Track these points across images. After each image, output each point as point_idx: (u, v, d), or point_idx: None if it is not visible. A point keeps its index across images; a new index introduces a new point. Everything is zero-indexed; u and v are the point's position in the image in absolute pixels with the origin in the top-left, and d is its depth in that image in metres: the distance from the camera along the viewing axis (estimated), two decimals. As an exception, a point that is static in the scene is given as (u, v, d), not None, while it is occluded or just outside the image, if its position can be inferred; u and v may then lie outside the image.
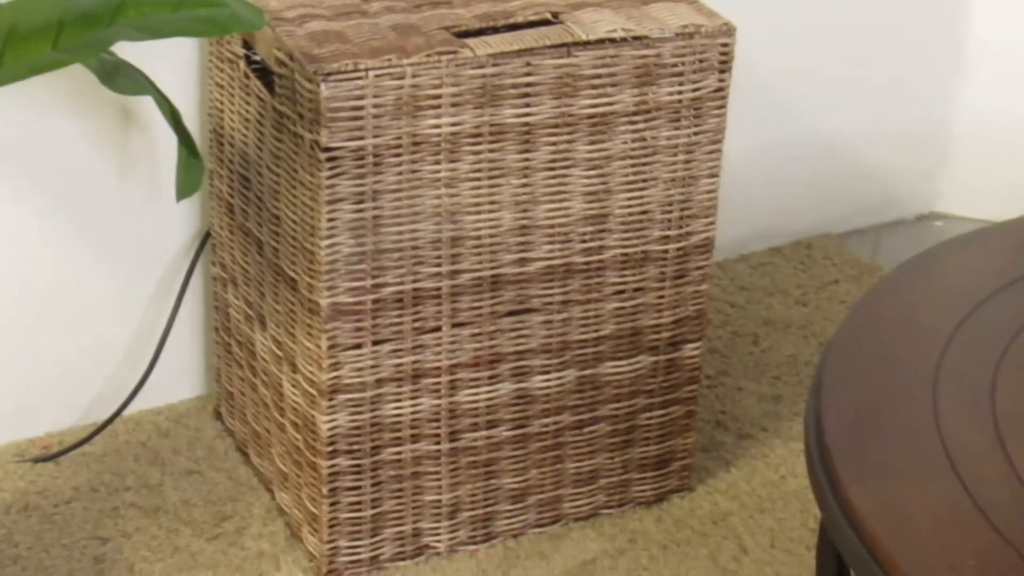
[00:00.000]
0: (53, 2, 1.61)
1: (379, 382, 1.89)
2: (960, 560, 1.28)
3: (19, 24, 1.58)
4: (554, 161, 1.87)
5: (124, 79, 1.77)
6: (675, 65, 1.88)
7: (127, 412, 2.18)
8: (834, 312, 2.50)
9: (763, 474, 2.16)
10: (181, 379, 2.23)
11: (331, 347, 1.85)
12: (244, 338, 2.07)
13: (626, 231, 1.93)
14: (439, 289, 1.87)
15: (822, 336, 2.45)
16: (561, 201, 1.89)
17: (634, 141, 1.89)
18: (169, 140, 1.90)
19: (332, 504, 1.93)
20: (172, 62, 2.06)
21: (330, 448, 1.90)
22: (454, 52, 1.79)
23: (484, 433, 1.97)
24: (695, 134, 1.92)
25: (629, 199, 1.92)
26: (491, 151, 1.84)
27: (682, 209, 1.95)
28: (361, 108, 1.76)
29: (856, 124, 2.66)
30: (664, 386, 2.04)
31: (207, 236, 2.15)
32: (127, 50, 1.79)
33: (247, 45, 1.91)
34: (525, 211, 1.88)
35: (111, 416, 2.15)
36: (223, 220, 2.07)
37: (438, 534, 2.00)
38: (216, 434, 2.18)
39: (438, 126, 1.80)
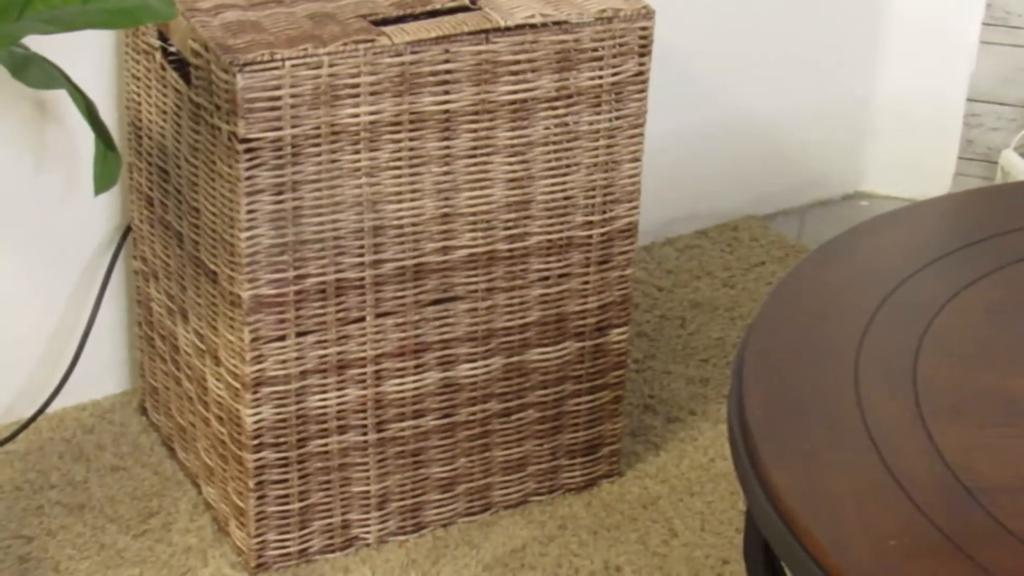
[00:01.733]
0: (-39, -4, 1.59)
1: (303, 374, 1.87)
2: (881, 537, 1.28)
3: (-74, 19, 1.56)
4: (475, 148, 1.86)
5: (36, 72, 1.75)
6: (595, 50, 1.88)
7: (50, 409, 2.15)
8: (761, 294, 2.51)
9: (692, 457, 2.17)
10: (105, 374, 2.21)
11: (254, 340, 1.83)
12: (167, 332, 2.05)
13: (549, 217, 1.93)
14: (362, 279, 1.86)
15: (749, 318, 2.46)
16: (483, 188, 1.88)
17: (555, 127, 1.89)
18: (87, 133, 1.89)
19: (259, 498, 1.91)
20: (87, 54, 2.04)
21: (255, 441, 1.88)
22: (371, 40, 1.77)
23: (411, 423, 1.96)
24: (616, 119, 1.91)
25: (552, 185, 1.91)
26: (411, 139, 1.83)
27: (605, 194, 1.95)
28: (278, 98, 1.74)
29: (778, 105, 2.66)
30: (591, 372, 2.04)
31: (127, 230, 2.13)
32: (41, 43, 1.77)
33: (162, 36, 1.89)
34: (447, 199, 1.87)
35: (34, 414, 2.13)
36: (143, 213, 2.05)
37: (367, 525, 1.99)
38: (141, 429, 2.16)
39: (357, 115, 1.79)
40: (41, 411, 2.14)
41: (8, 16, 1.58)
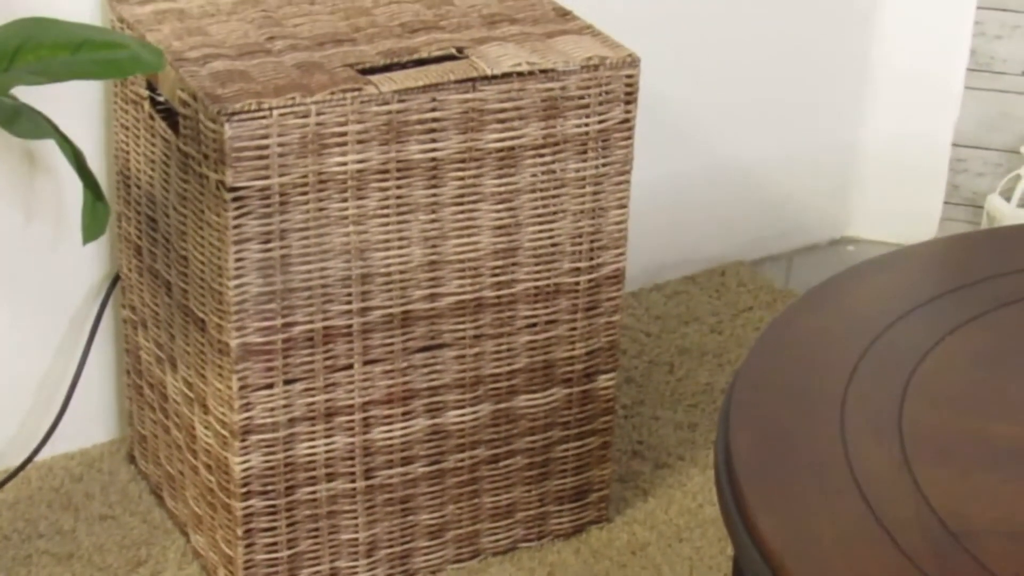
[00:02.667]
0: (-50, 47, 1.60)
1: (292, 421, 1.88)
2: (869, 583, 1.29)
3: (-85, 70, 1.57)
4: (462, 196, 1.87)
5: (25, 123, 1.75)
6: (581, 97, 1.89)
7: (39, 458, 2.15)
8: (749, 339, 2.51)
9: (680, 503, 2.17)
10: (93, 423, 2.21)
11: (242, 387, 1.84)
12: (156, 380, 2.05)
13: (537, 264, 1.94)
14: (350, 327, 1.86)
15: (737, 363, 2.46)
16: (470, 236, 1.89)
17: (542, 174, 1.90)
18: (75, 182, 1.89)
19: (247, 546, 1.91)
20: (76, 104, 2.05)
21: (244, 489, 1.88)
22: (358, 89, 1.78)
23: (400, 470, 1.96)
24: (603, 166, 1.92)
25: (539, 232, 1.92)
26: (398, 187, 1.83)
27: (592, 241, 1.95)
28: (266, 147, 1.75)
29: (765, 150, 2.68)
30: (579, 418, 2.04)
31: (116, 278, 2.13)
32: (29, 92, 1.78)
33: (151, 86, 1.90)
34: (434, 247, 1.88)
35: (23, 462, 2.13)
36: (131, 262, 2.06)
37: (356, 573, 1.99)
38: (130, 478, 2.16)
39: (344, 163, 1.80)
40: (29, 460, 2.14)
41: (-4, 67, 1.58)
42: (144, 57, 1.63)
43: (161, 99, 1.89)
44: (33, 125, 1.76)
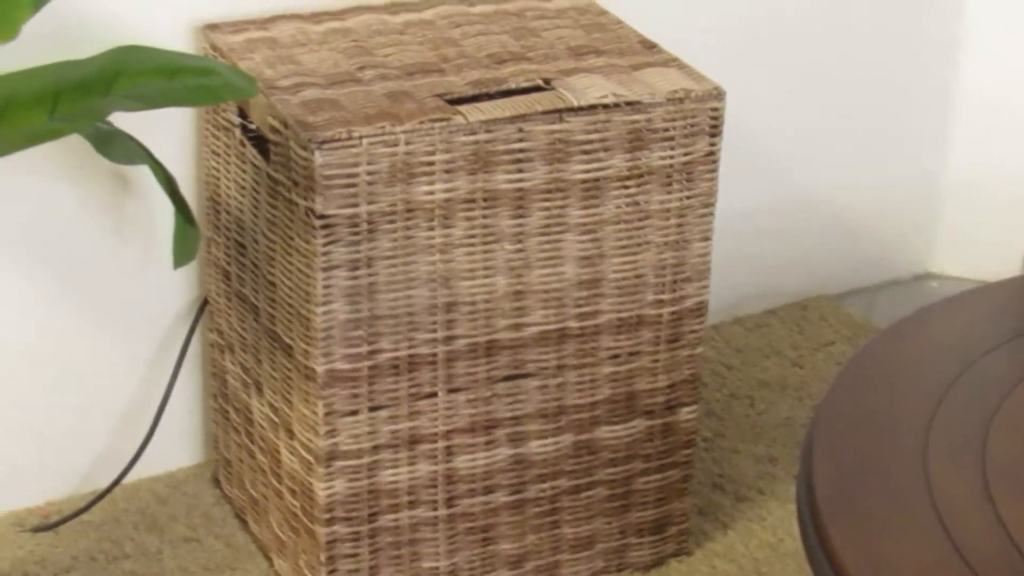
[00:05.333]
0: (49, 72, 1.63)
1: (376, 448, 1.89)
2: (952, 618, 1.28)
3: (16, 94, 1.60)
4: (547, 226, 1.88)
5: (119, 148, 1.79)
6: (666, 130, 1.90)
7: (126, 479, 2.18)
8: (830, 373, 2.51)
9: (760, 536, 2.16)
10: (179, 446, 2.23)
11: (327, 413, 1.85)
12: (241, 405, 2.07)
13: (620, 295, 1.94)
14: (435, 355, 1.88)
15: (818, 398, 2.45)
16: (555, 266, 1.90)
17: (627, 205, 1.91)
18: (165, 207, 1.92)
19: (330, 571, 1.92)
20: (168, 130, 2.08)
21: (327, 515, 1.90)
22: (447, 119, 1.80)
23: (481, 499, 1.97)
24: (687, 198, 1.93)
25: (622, 263, 1.93)
26: (485, 217, 1.85)
27: (675, 273, 1.96)
28: (355, 175, 1.77)
29: (848, 183, 2.67)
30: (660, 450, 2.04)
31: (204, 303, 2.16)
32: (123, 117, 1.81)
33: (242, 113, 1.93)
34: (519, 276, 1.89)
35: (110, 484, 2.16)
36: (220, 287, 2.08)
37: (436, 599, 2.00)
38: (214, 501, 2.18)
39: (432, 192, 1.81)
40: (117, 482, 2.16)
41: (94, 92, 1.61)
42: (237, 84, 1.66)
43: (252, 126, 1.91)
44: (127, 150, 1.79)
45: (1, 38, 1.34)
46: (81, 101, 1.61)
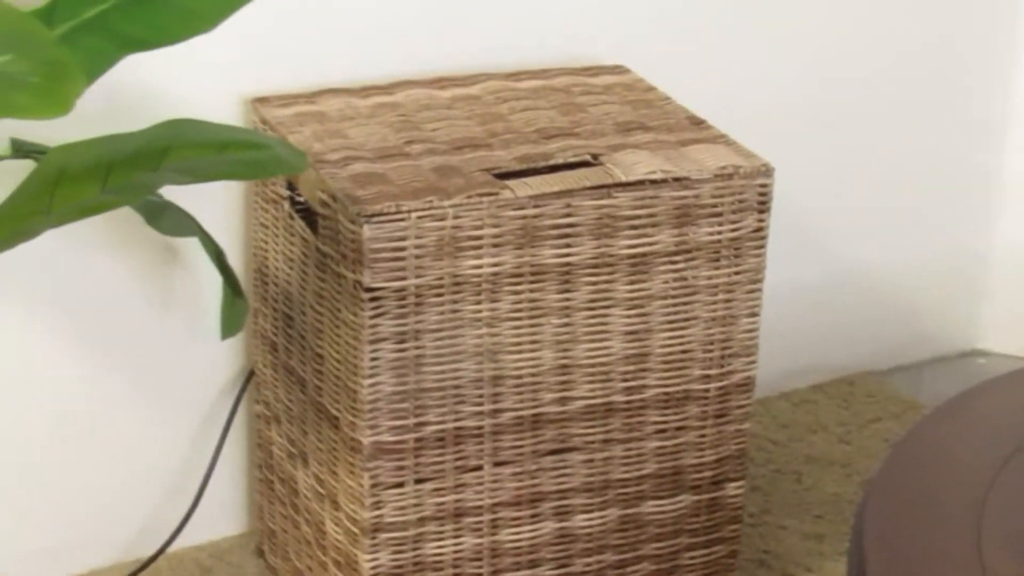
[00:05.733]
0: (100, 145, 1.64)
1: (421, 521, 1.89)
2: None
3: (68, 167, 1.61)
4: (594, 301, 1.88)
5: (169, 220, 1.80)
6: (714, 206, 1.90)
7: (170, 549, 2.18)
8: (877, 450, 2.49)
9: (807, 614, 2.15)
10: (224, 516, 2.23)
11: (373, 485, 1.85)
12: (286, 475, 2.07)
13: (667, 370, 1.94)
14: (481, 428, 1.88)
15: (865, 474, 2.44)
16: (601, 341, 1.90)
17: (674, 281, 1.91)
18: (213, 278, 1.93)
19: (373, 644, 1.92)
20: (216, 201, 2.09)
21: (371, 587, 1.90)
22: (495, 193, 1.81)
23: (526, 572, 1.96)
24: (735, 273, 1.93)
25: (670, 339, 1.93)
26: (532, 291, 1.85)
27: (723, 348, 1.96)
28: (403, 249, 1.78)
29: (895, 259, 2.67)
30: (707, 525, 2.03)
31: (251, 374, 2.16)
32: (172, 189, 1.82)
33: (291, 186, 1.94)
34: (566, 350, 1.89)
35: (154, 553, 2.16)
36: (266, 358, 2.09)
37: (479, 674, 1.99)
38: (258, 572, 2.18)
39: (479, 266, 1.82)
40: (161, 551, 2.16)
41: (146, 166, 1.62)
42: (287, 158, 1.66)
43: (300, 199, 1.93)
44: (177, 223, 1.81)
45: (56, 112, 1.35)
46: (132, 174, 1.62)
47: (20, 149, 1.74)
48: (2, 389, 2.07)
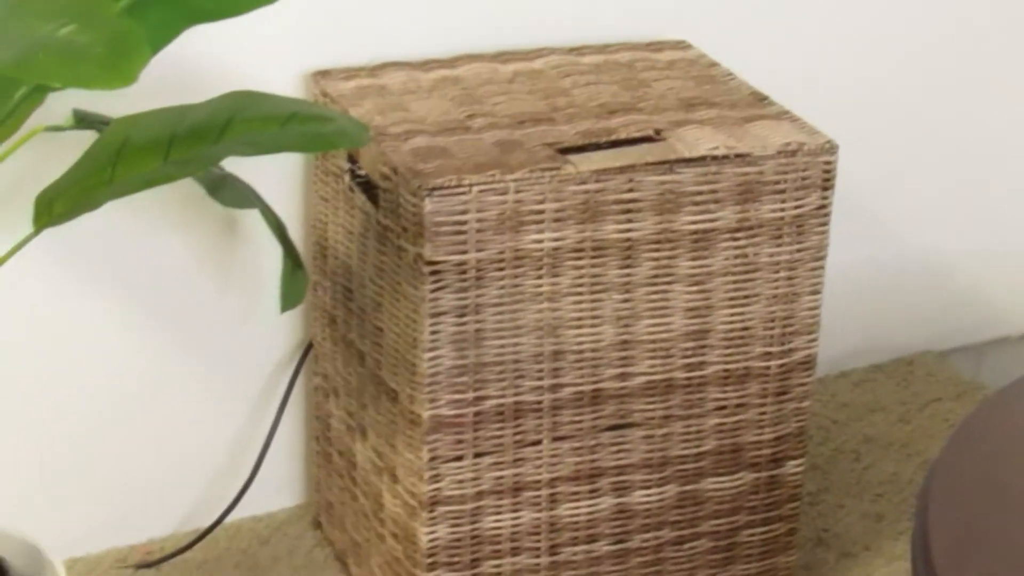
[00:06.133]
0: (164, 118, 1.65)
1: (479, 495, 1.89)
2: None
3: (131, 138, 1.61)
4: (656, 277, 1.87)
5: (231, 192, 1.80)
6: (777, 182, 1.88)
7: (227, 520, 2.19)
8: (936, 430, 2.48)
9: (865, 594, 2.14)
10: (281, 488, 2.24)
11: (432, 459, 1.85)
12: (344, 448, 2.07)
13: (728, 347, 1.93)
14: (540, 403, 1.87)
15: (925, 454, 2.43)
16: (663, 317, 1.89)
17: (736, 258, 1.90)
18: (272, 251, 1.93)
19: (430, 617, 1.93)
20: (277, 175, 2.09)
21: (430, 560, 1.89)
22: (557, 168, 1.80)
23: (584, 547, 1.96)
24: (797, 251, 1.92)
25: (731, 315, 1.92)
26: (593, 266, 1.84)
27: (784, 326, 1.94)
28: (464, 223, 1.77)
29: (958, 240, 2.64)
30: (766, 503, 2.02)
31: (309, 347, 2.16)
32: (232, 161, 1.82)
33: (352, 159, 1.94)
34: (626, 326, 1.88)
35: (212, 524, 2.17)
36: (325, 331, 2.09)
37: (536, 649, 1.99)
38: (315, 543, 2.19)
39: (540, 241, 1.81)
40: (219, 522, 2.17)
41: (208, 139, 1.62)
42: (350, 131, 1.66)
43: (361, 172, 1.92)
44: (238, 195, 1.81)
45: (121, 83, 1.35)
46: (194, 146, 1.62)
47: (83, 120, 1.74)
48: (65, 362, 2.08)
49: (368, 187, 1.91)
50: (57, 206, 1.60)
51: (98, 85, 1.34)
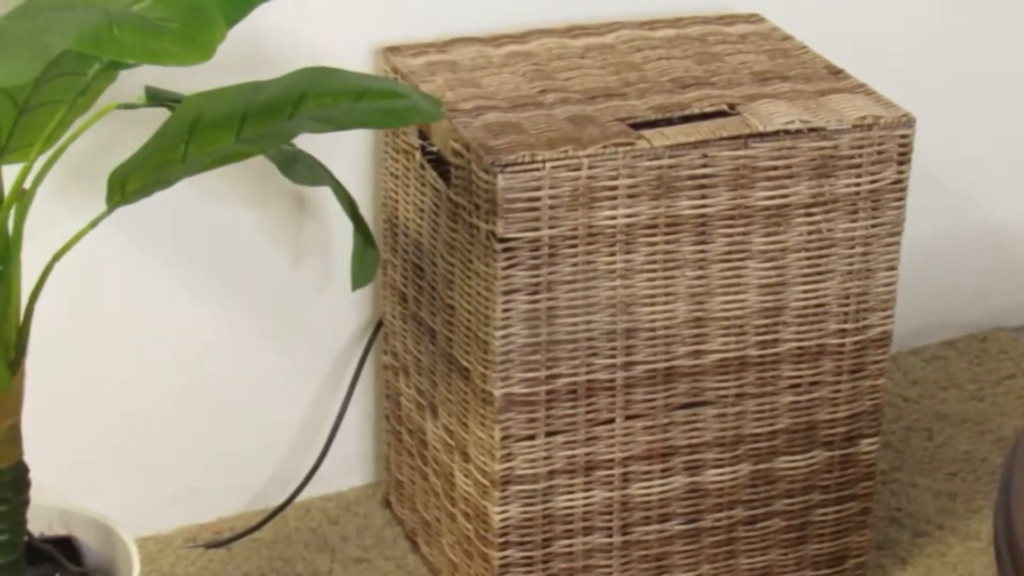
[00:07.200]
0: (237, 94, 1.64)
1: (551, 474, 1.87)
2: None
3: (204, 115, 1.61)
4: (729, 253, 1.86)
5: (303, 169, 1.79)
6: (852, 157, 1.86)
7: (297, 499, 2.18)
8: (1010, 408, 2.45)
9: (939, 573, 2.11)
10: (351, 466, 2.24)
11: (504, 438, 1.84)
12: (415, 427, 2.07)
13: (802, 324, 1.91)
14: (613, 381, 1.86)
15: (999, 432, 2.40)
16: (736, 293, 1.87)
17: (810, 233, 1.87)
18: (342, 229, 1.93)
19: (503, 596, 1.92)
20: (347, 153, 2.08)
21: (501, 539, 1.89)
22: (630, 143, 1.78)
23: (656, 527, 1.95)
24: (873, 226, 1.89)
25: (805, 292, 1.90)
26: (666, 243, 1.83)
27: (860, 302, 1.92)
28: (537, 199, 1.76)
29: (1032, 216, 2.61)
30: (839, 482, 2.00)
31: (379, 325, 2.16)
32: (303, 140, 1.81)
33: (423, 136, 1.92)
34: (700, 303, 1.86)
35: (282, 503, 2.16)
36: (395, 309, 2.08)
37: (608, 628, 1.98)
38: (385, 522, 2.18)
39: (614, 217, 1.80)
40: (289, 501, 2.17)
41: (281, 115, 1.62)
42: (423, 107, 1.65)
43: (433, 149, 1.91)
44: (310, 172, 1.80)
45: (198, 59, 1.35)
46: (268, 123, 1.62)
47: (155, 97, 1.74)
48: (136, 340, 2.08)
49: (439, 164, 1.90)
50: (130, 184, 1.59)
51: (175, 61, 1.34)
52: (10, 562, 1.71)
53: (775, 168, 1.83)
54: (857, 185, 1.87)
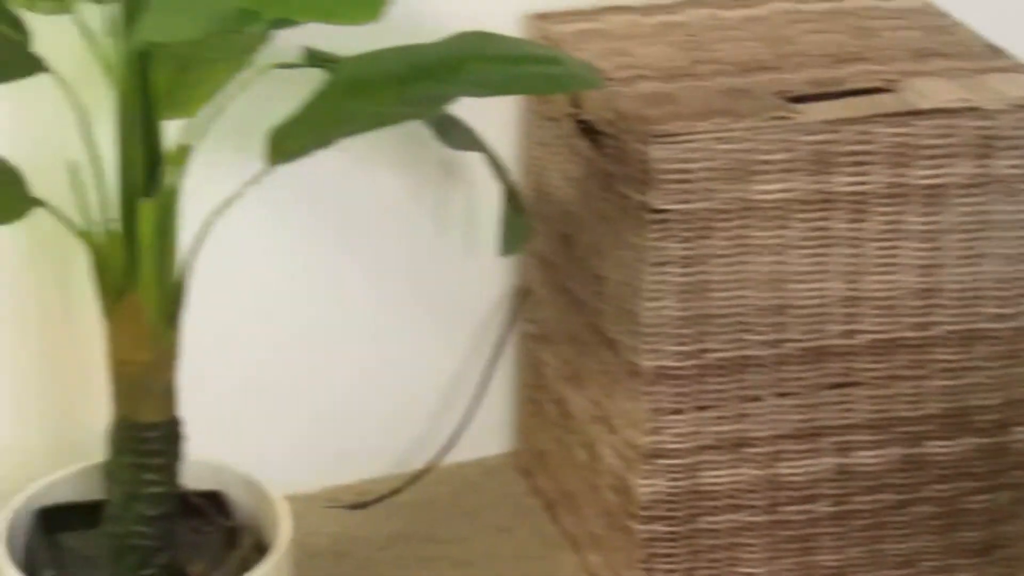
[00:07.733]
0: (397, 57, 1.64)
1: (699, 449, 1.86)
2: None
3: (365, 77, 1.61)
4: (885, 232, 1.82)
5: (458, 134, 1.79)
6: (1014, 137, 1.82)
7: (439, 464, 2.18)
8: None
9: (1087, 565, 2.08)
10: (492, 434, 2.23)
11: (652, 411, 1.83)
12: (557, 397, 2.06)
13: (957, 307, 1.88)
14: (763, 358, 1.84)
15: None
16: (891, 273, 1.84)
17: (969, 214, 1.84)
18: (488, 195, 1.92)
19: (647, 570, 1.90)
20: (494, 118, 2.07)
21: (646, 513, 1.87)
22: (787, 117, 1.76)
23: (803, 507, 1.92)
24: (1035, 209, 1.86)
25: (962, 274, 1.86)
26: (821, 219, 1.80)
27: (1018, 287, 1.88)
28: (691, 171, 1.74)
29: None
30: (991, 469, 1.97)
31: (524, 292, 2.15)
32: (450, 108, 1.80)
33: (574, 104, 1.91)
34: (853, 282, 1.84)
35: (424, 467, 2.17)
36: (541, 278, 2.07)
37: (748, 607, 1.96)
38: (524, 491, 2.18)
39: (769, 192, 1.77)
40: (430, 466, 2.17)
41: (440, 78, 1.61)
42: (583, 75, 1.64)
43: (585, 118, 1.90)
44: (465, 137, 1.79)
45: (368, 18, 1.34)
46: (428, 86, 1.61)
47: (313, 58, 1.74)
48: (283, 302, 2.09)
49: (591, 132, 1.88)
50: (289, 143, 1.59)
51: (345, 20, 1.33)
52: (163, 514, 1.73)
53: (935, 146, 1.80)
54: (1018, 167, 1.83)
